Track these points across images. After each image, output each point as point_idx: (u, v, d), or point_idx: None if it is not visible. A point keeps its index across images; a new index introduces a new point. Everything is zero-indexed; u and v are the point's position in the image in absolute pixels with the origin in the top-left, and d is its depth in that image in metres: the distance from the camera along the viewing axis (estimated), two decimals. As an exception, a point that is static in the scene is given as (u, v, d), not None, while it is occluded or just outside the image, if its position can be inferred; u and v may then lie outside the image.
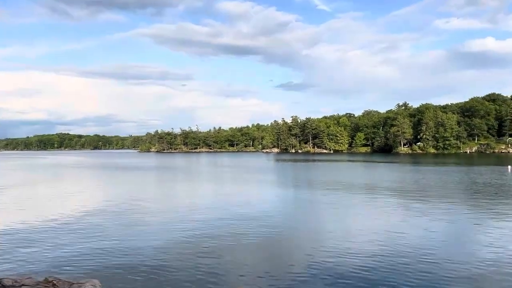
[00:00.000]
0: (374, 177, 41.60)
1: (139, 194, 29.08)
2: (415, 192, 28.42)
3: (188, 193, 29.93)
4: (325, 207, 22.44)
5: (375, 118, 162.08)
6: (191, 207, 22.86)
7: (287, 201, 25.12)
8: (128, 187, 34.48)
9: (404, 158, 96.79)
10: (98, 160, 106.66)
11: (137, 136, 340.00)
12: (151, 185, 37.19)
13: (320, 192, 29.34)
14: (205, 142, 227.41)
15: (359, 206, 22.42)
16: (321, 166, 65.32)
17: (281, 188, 33.20)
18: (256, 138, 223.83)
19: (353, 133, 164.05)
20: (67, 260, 12.51)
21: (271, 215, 19.95)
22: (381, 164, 66.56)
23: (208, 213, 20.65)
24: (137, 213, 20.93)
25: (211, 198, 27.01)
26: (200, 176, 48.67)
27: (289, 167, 65.13)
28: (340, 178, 40.19)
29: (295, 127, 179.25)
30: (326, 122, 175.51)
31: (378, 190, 29.88)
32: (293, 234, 16.06)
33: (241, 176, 46.70)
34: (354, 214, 20.15)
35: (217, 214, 20.45)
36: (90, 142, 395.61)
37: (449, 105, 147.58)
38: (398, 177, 40.32)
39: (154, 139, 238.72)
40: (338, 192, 28.76)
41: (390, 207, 22.07)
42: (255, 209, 21.92)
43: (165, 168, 64.81)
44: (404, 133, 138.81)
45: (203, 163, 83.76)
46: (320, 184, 35.07)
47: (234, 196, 27.39)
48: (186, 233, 16.06)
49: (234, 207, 22.48)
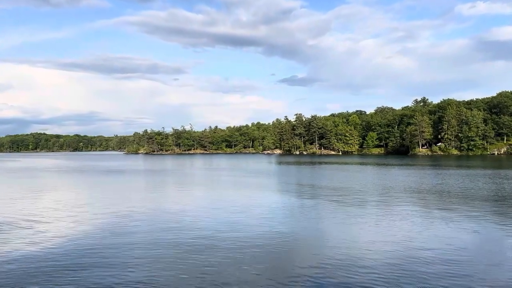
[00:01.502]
0: (388, 182, 41.58)
1: (125, 202, 29.03)
2: (434, 199, 28.41)
3: (180, 200, 29.88)
4: (333, 216, 22.42)
5: (389, 116, 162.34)
6: (184, 215, 22.84)
7: (291, 209, 25.09)
8: (111, 194, 34.43)
9: (422, 160, 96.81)
10: (78, 163, 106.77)
11: (123, 137, 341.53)
12: (138, 191, 37.14)
13: (327, 199, 29.31)
14: (199, 143, 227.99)
15: (371, 215, 22.41)
16: (328, 169, 65.33)
17: (284, 194, 33.19)
18: (256, 138, 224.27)
19: (365, 133, 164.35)
20: (40, 274, 12.55)
21: (273, 226, 19.93)
22: (396, 168, 66.56)
23: (203, 223, 20.65)
24: (122, 224, 20.89)
25: (206, 206, 26.96)
26: (194, 180, 48.64)
27: (292, 171, 65.14)
28: (349, 183, 40.18)
29: (299, 126, 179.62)
30: (334, 121, 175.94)
31: (392, 197, 29.85)
32: (299, 247, 16.03)
33: (240, 180, 46.70)
34: (365, 223, 20.14)
35: (213, 224, 20.45)
36: (69, 143, 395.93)
37: (474, 101, 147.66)
38: (415, 182, 40.30)
39: (142, 139, 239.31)
40: (348, 199, 28.74)
41: (406, 216, 22.05)
42: (255, 218, 21.92)
43: (154, 172, 64.91)
44: (422, 133, 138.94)
45: (197, 166, 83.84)
46: (328, 190, 35.05)
47: (231, 204, 27.34)
48: (178, 246, 16.03)
49: (232, 216, 22.48)
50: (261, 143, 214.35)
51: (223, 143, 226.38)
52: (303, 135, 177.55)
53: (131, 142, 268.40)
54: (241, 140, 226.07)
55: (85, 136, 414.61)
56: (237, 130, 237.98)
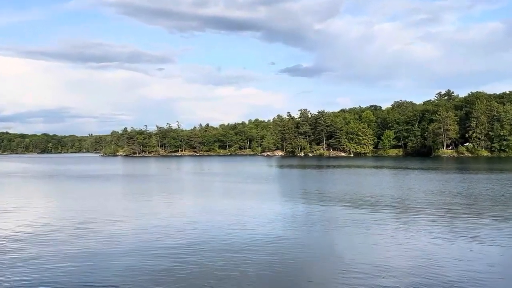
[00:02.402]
0: (407, 189, 41.64)
1: (100, 214, 28.98)
2: (460, 209, 28.44)
3: (165, 212, 29.81)
4: (343, 229, 22.41)
5: (408, 112, 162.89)
6: (170, 230, 22.80)
7: (294, 221, 25.07)
8: (84, 205, 34.40)
9: (447, 163, 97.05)
10: (46, 166, 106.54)
11: (99, 136, 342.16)
12: (116, 201, 37.09)
13: (336, 208, 29.35)
14: (188, 144, 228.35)
15: (386, 227, 22.44)
16: (338, 173, 65.42)
17: (286, 203, 33.23)
18: (255, 138, 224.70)
19: (380, 131, 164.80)
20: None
21: (274, 240, 19.91)
22: (416, 172, 66.68)
23: (191, 240, 20.58)
24: (96, 239, 20.83)
25: (196, 218, 26.90)
26: (181, 188, 48.60)
27: (296, 176, 65.12)
28: (362, 190, 40.22)
29: (304, 123, 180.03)
30: (345, 117, 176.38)
31: (411, 207, 29.88)
32: (305, 265, 16.02)
33: (235, 187, 46.72)
34: (379, 235, 20.17)
35: (204, 239, 20.39)
36: (36, 143, 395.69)
37: (507, 94, 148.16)
38: (437, 189, 40.37)
39: (121, 139, 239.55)
40: (360, 209, 28.77)
41: (426, 228, 22.05)
42: (253, 232, 21.91)
43: (136, 178, 64.85)
44: (447, 131, 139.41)
45: (185, 170, 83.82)
46: (337, 198, 35.11)
47: (225, 215, 27.34)
48: (164, 267, 15.99)
49: (226, 230, 22.47)
50: (260, 144, 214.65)
51: (215, 143, 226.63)
52: (308, 134, 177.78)
53: (108, 142, 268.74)
54: (237, 140, 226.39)
55: (55, 135, 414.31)
56: (232, 128, 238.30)
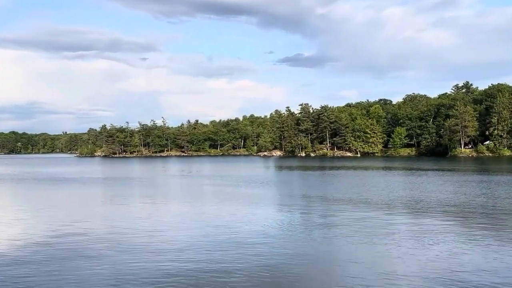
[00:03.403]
0: (419, 193, 41.99)
1: (76, 222, 29.05)
2: (478, 216, 28.80)
3: (148, 219, 29.96)
4: (349, 240, 22.65)
5: (422, 106, 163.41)
6: (153, 240, 22.98)
7: (294, 230, 25.25)
8: (57, 212, 34.46)
9: (465, 163, 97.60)
10: (14, 168, 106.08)
11: (74, 135, 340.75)
12: (94, 207, 37.15)
13: (341, 216, 29.57)
14: (175, 143, 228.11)
15: (396, 236, 22.71)
16: (343, 176, 65.67)
17: (285, 210, 33.43)
18: (250, 136, 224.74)
19: (390, 128, 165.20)
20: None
21: (271, 252, 20.11)
22: (430, 174, 67.08)
23: (174, 254, 20.74)
24: (68, 257, 20.90)
25: (181, 228, 27.08)
26: (167, 192, 48.65)
27: (296, 178, 65.35)
28: (370, 195, 40.51)
29: (305, 120, 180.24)
30: (351, 113, 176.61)
31: (425, 212, 30.24)
32: (305, 280, 16.23)
33: (227, 191, 46.84)
34: (387, 245, 20.46)
35: (189, 254, 20.55)
36: (4, 143, 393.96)
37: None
38: (454, 193, 40.78)
39: (100, 138, 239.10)
40: (367, 216, 29.03)
41: (440, 237, 22.39)
42: (247, 242, 22.08)
43: (116, 181, 64.93)
44: (465, 128, 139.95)
45: (172, 173, 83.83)
46: (342, 203, 35.39)
47: (214, 226, 27.48)
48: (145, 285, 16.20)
49: (215, 242, 22.64)
50: (256, 143, 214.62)
51: (205, 142, 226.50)
52: (310, 132, 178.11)
53: (85, 141, 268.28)
54: (230, 138, 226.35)
55: (24, 134, 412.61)
56: (224, 125, 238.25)
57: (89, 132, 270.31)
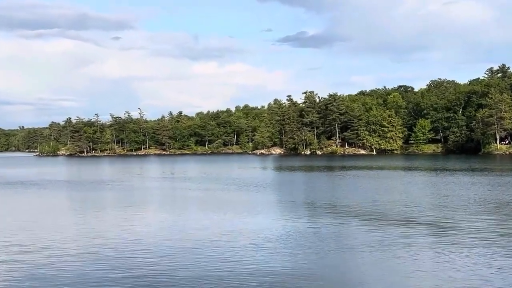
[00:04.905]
0: (446, 198, 42.01)
1: (32, 235, 28.99)
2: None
3: (122, 230, 29.94)
4: (362, 254, 22.68)
5: (450, 94, 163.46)
6: (127, 255, 22.99)
7: (297, 243, 25.29)
8: (10, 222, 34.28)
9: (501, 162, 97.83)
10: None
11: (34, 129, 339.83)
12: (57, 217, 37.04)
13: (354, 225, 29.58)
14: (154, 139, 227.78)
15: (420, 250, 22.71)
16: (356, 178, 65.56)
17: (287, 219, 33.45)
18: (244, 130, 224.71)
19: (412, 121, 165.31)
20: None
21: (268, 274, 20.09)
22: (459, 175, 67.15)
23: (151, 271, 20.71)
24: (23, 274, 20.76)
25: (159, 240, 27.03)
26: (144, 198, 48.64)
27: (300, 181, 65.27)
28: (388, 201, 40.50)
29: (310, 110, 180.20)
30: (365, 102, 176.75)
31: (452, 221, 30.22)
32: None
33: (216, 197, 46.81)
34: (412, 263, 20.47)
35: (168, 273, 20.53)
36: None
37: None
38: (487, 197, 40.78)
39: (64, 133, 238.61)
40: (385, 226, 29.02)
41: (476, 249, 22.43)
42: (243, 257, 22.08)
43: (83, 185, 64.64)
44: (501, 120, 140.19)
45: (150, 175, 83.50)
46: (353, 212, 35.33)
47: (198, 238, 27.44)
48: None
49: (199, 258, 22.62)
50: (251, 138, 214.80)
51: (191, 138, 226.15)
52: (316, 125, 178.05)
53: (46, 138, 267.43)
54: (220, 133, 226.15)
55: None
56: (214, 117, 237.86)
57: (51, 126, 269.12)
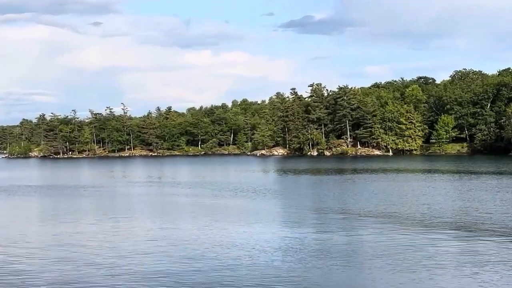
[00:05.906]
0: (472, 204, 42.13)
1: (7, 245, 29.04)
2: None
3: (103, 241, 30.00)
4: (378, 264, 22.70)
5: (476, 87, 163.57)
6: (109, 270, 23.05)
7: (304, 255, 25.43)
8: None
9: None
10: None
11: (2, 128, 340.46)
12: (27, 227, 37.29)
13: (366, 235, 29.75)
14: (140, 138, 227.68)
15: (446, 259, 22.87)
16: (370, 181, 65.80)
17: (288, 229, 33.53)
18: (242, 128, 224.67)
19: (434, 117, 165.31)
20: None
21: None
22: (485, 178, 67.26)
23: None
24: None
25: (143, 252, 27.18)
26: (128, 206, 48.80)
27: (305, 186, 65.39)
28: (405, 208, 40.63)
29: (317, 105, 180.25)
30: (380, 96, 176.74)
31: (480, 229, 30.39)
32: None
33: (211, 204, 46.96)
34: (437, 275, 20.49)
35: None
36: None
37: None
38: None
39: (37, 132, 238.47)
40: (402, 235, 29.20)
41: (504, 255, 22.31)
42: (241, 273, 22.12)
43: (59, 191, 64.64)
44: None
45: (135, 179, 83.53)
46: (366, 219, 35.49)
47: (190, 250, 27.65)
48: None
49: (189, 271, 22.79)
50: (250, 137, 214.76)
51: (182, 137, 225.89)
52: (324, 122, 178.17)
53: (17, 137, 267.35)
54: (215, 131, 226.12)
55: None
56: (207, 114, 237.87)
57: (22, 124, 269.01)
